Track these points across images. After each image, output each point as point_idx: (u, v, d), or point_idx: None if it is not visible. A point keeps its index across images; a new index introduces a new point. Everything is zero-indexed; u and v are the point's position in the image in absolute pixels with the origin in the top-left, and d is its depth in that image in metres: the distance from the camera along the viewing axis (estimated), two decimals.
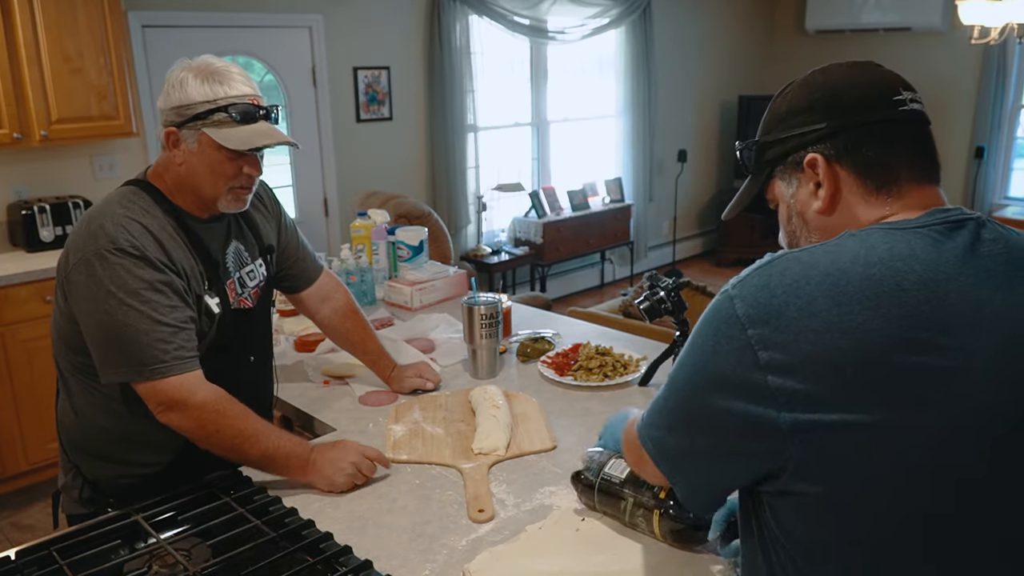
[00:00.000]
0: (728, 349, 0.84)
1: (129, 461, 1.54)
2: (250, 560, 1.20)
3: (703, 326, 0.90)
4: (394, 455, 1.58)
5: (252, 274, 1.65)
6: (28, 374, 3.30)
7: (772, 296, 0.83)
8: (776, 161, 0.99)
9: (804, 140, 0.95)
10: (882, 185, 0.91)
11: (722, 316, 0.86)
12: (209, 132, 1.44)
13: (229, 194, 1.51)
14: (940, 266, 0.83)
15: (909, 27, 6.46)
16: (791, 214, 1.00)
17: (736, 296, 0.85)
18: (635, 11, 6.15)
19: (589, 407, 1.79)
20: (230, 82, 1.45)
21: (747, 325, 0.83)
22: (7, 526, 3.24)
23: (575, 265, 6.41)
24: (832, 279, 0.81)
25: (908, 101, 0.94)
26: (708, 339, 0.88)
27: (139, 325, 1.38)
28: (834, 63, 0.99)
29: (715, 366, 0.86)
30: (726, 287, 0.88)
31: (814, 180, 0.95)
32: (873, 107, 0.92)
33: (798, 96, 0.97)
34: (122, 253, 1.38)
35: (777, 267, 0.85)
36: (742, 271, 0.89)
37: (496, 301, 1.95)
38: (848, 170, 0.92)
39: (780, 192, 1.01)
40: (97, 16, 3.51)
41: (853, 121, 0.92)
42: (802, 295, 0.81)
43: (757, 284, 0.85)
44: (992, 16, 4.65)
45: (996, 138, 6.42)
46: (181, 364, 1.41)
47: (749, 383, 0.82)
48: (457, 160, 5.35)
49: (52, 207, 3.59)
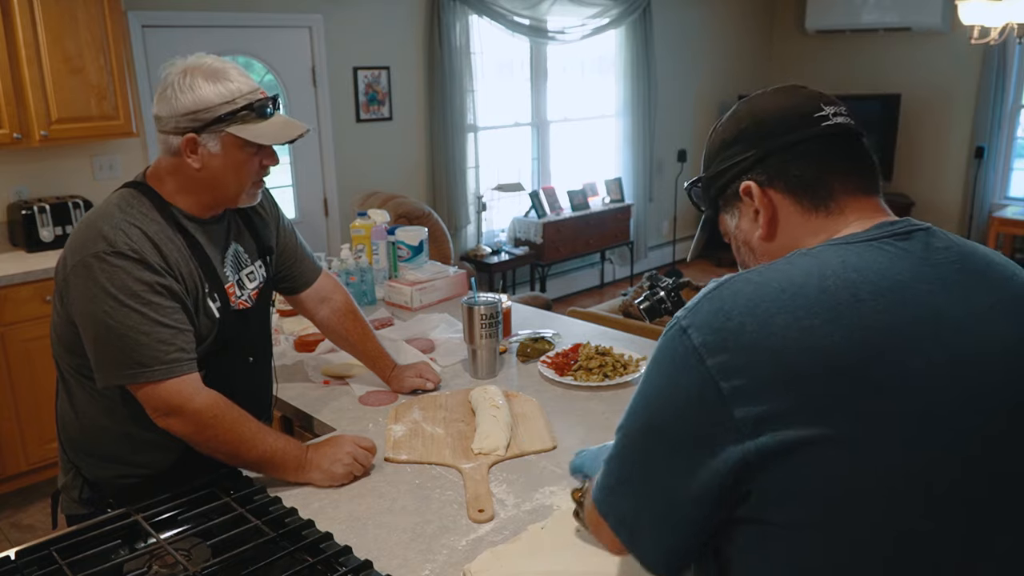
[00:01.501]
0: (687, 385, 0.80)
1: (129, 461, 1.54)
2: (250, 560, 1.20)
3: (655, 367, 0.85)
4: (394, 455, 1.58)
5: (252, 276, 1.65)
6: (28, 374, 3.30)
7: (727, 319, 0.80)
8: (718, 195, 1.00)
9: (737, 170, 0.96)
10: (819, 203, 0.91)
11: (677, 350, 0.82)
12: (235, 131, 1.43)
13: (252, 188, 1.54)
14: (895, 275, 0.82)
15: (909, 27, 6.46)
16: (738, 244, 1.01)
17: (690, 326, 0.82)
18: (635, 11, 6.15)
19: (589, 407, 1.79)
20: (236, 79, 1.45)
21: (705, 355, 0.79)
22: (7, 526, 3.24)
23: (575, 265, 6.41)
24: (788, 295, 0.80)
25: (831, 116, 0.93)
26: (664, 379, 0.84)
27: (138, 327, 1.38)
28: (759, 91, 1.00)
29: (675, 410, 0.82)
30: (674, 321, 0.85)
31: (752, 208, 0.95)
32: (795, 126, 0.93)
33: (727, 129, 0.98)
34: (120, 256, 1.38)
35: (728, 290, 0.83)
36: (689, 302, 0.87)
37: (496, 301, 1.95)
38: (781, 193, 0.93)
39: (727, 225, 1.01)
40: (97, 16, 3.51)
41: (777, 144, 0.93)
42: (758, 314, 0.79)
43: (710, 310, 0.82)
44: (992, 16, 4.65)
45: (996, 138, 6.42)
46: (179, 366, 1.41)
47: (714, 423, 0.78)
48: (457, 160, 5.35)
49: (52, 207, 3.59)
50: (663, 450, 0.83)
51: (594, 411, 1.77)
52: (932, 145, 6.72)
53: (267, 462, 1.46)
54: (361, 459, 1.49)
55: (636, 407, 0.87)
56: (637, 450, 0.86)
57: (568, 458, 1.54)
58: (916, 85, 6.67)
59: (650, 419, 0.85)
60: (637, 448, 0.86)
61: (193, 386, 1.43)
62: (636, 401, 0.88)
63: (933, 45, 6.53)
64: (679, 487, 0.82)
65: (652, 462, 0.84)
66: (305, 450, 1.49)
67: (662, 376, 0.84)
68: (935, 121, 6.68)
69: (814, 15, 6.92)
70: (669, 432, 0.82)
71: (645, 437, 0.85)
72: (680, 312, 0.86)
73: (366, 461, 1.50)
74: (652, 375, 0.86)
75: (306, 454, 1.48)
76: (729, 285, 0.84)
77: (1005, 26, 4.73)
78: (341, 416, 1.79)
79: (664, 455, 0.83)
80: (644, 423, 0.86)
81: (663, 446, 0.83)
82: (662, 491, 0.84)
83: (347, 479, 1.47)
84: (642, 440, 0.86)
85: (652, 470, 0.84)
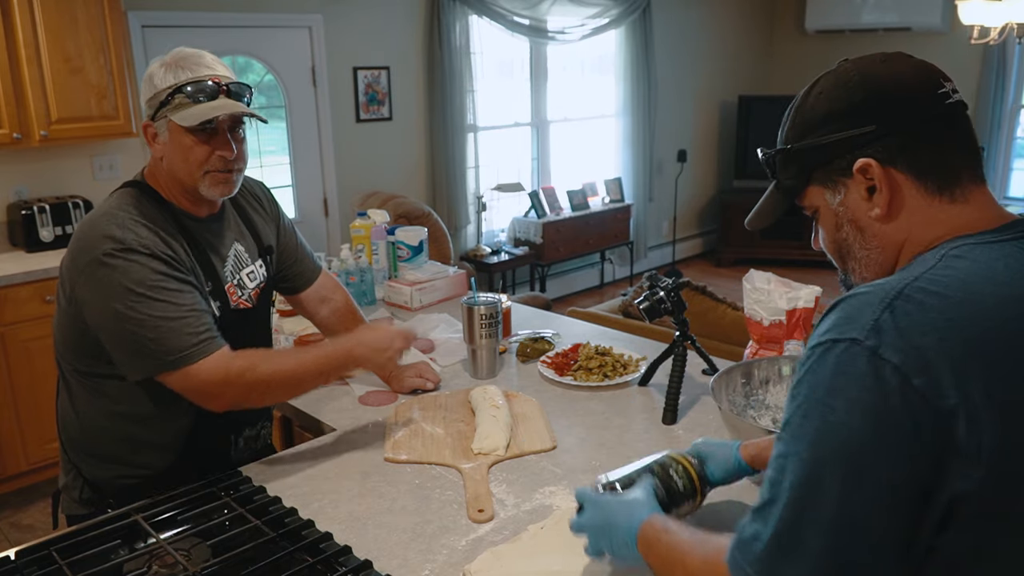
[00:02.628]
0: (898, 408, 0.71)
1: (129, 462, 1.54)
2: (250, 560, 1.20)
3: (834, 396, 0.74)
4: (394, 455, 1.58)
5: (252, 275, 1.65)
6: (28, 374, 3.30)
7: (925, 336, 0.73)
8: (816, 167, 0.93)
9: (851, 144, 0.89)
10: (944, 187, 0.87)
11: (870, 371, 0.73)
12: (171, 116, 1.43)
13: (206, 179, 1.47)
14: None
15: (909, 27, 6.46)
16: (841, 222, 0.94)
17: (879, 346, 0.73)
18: (635, 11, 6.15)
19: (589, 407, 1.79)
20: (194, 66, 1.44)
21: (911, 375, 0.72)
22: (7, 526, 3.24)
23: (575, 265, 6.42)
24: (974, 307, 0.76)
25: (951, 92, 0.88)
26: (857, 408, 0.73)
27: (164, 314, 1.38)
28: (864, 56, 0.93)
29: (883, 436, 0.72)
30: (849, 340, 0.75)
31: (866, 185, 0.89)
32: (920, 103, 0.87)
33: (835, 97, 0.90)
34: (132, 252, 1.38)
35: (911, 302, 0.76)
36: (840, 318, 0.78)
37: (496, 301, 1.95)
38: (905, 173, 0.87)
39: (823, 199, 0.94)
40: (97, 16, 3.51)
41: (904, 122, 0.87)
42: (955, 328, 0.74)
43: (900, 327, 0.74)
44: (992, 16, 4.65)
45: (996, 138, 6.42)
46: (211, 344, 1.42)
47: (931, 442, 0.71)
48: (457, 160, 5.35)
49: (52, 207, 3.59)
50: (871, 476, 0.73)
51: (594, 411, 1.77)
52: None
53: (324, 375, 1.56)
54: (428, 374, 1.79)
55: (806, 455, 0.75)
56: (827, 488, 0.74)
57: (568, 458, 1.54)
58: None
59: (846, 460, 0.73)
60: (827, 485, 0.74)
61: (227, 356, 1.44)
62: (800, 448, 0.75)
63: (933, 45, 6.53)
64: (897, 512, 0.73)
65: (859, 496, 0.73)
66: (350, 347, 1.56)
67: (852, 409, 0.73)
68: None
69: (814, 15, 6.92)
70: (879, 453, 0.72)
71: (841, 486, 0.73)
72: (841, 334, 0.76)
73: (405, 343, 1.61)
74: (826, 411, 0.75)
75: (353, 351, 1.56)
76: (908, 298, 0.77)
77: (1005, 26, 4.73)
78: (341, 416, 1.79)
79: (873, 482, 0.73)
80: (834, 467, 0.73)
81: (871, 471, 0.73)
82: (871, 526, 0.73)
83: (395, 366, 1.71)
84: (838, 470, 0.73)
85: (860, 506, 0.73)
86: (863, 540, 0.73)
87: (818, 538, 0.73)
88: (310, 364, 1.50)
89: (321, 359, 1.52)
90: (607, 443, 1.62)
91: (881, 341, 0.74)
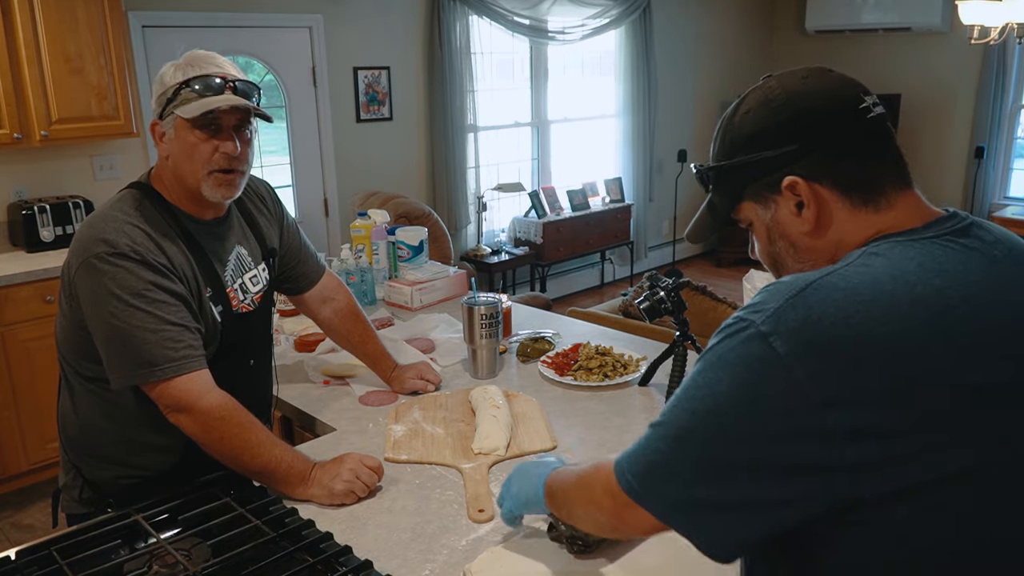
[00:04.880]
0: (772, 392, 0.77)
1: (130, 464, 1.54)
2: (250, 560, 1.20)
3: (725, 368, 0.81)
4: (394, 455, 1.58)
5: (255, 279, 1.65)
6: (28, 374, 3.30)
7: (819, 330, 0.77)
8: (746, 184, 0.95)
9: (778, 162, 0.90)
10: (869, 199, 0.89)
11: (757, 356, 0.79)
12: (176, 111, 1.42)
13: (209, 179, 1.45)
14: (973, 278, 0.82)
15: (909, 27, 6.46)
16: (774, 236, 0.96)
17: (772, 333, 0.78)
18: (635, 11, 6.15)
19: (589, 407, 1.79)
20: (204, 64, 1.44)
21: (793, 365, 0.76)
22: (7, 526, 3.24)
23: (575, 265, 6.41)
24: (881, 304, 0.78)
25: (872, 106, 0.90)
26: (738, 383, 0.79)
27: (145, 325, 1.38)
28: (787, 73, 0.95)
29: (753, 412, 0.78)
30: (749, 322, 0.81)
31: (795, 201, 0.91)
32: (840, 120, 0.89)
33: (761, 117, 0.92)
34: (122, 257, 1.38)
35: (814, 296, 0.79)
36: (757, 301, 0.83)
37: (496, 301, 1.95)
38: (831, 189, 0.89)
39: (756, 214, 0.96)
40: (97, 16, 3.51)
41: (823, 139, 0.89)
42: (853, 325, 0.77)
43: (797, 318, 0.78)
44: (992, 16, 4.65)
45: (996, 138, 6.42)
46: (189, 363, 1.40)
47: (800, 427, 0.76)
48: (457, 160, 5.35)
49: (52, 207, 3.59)
50: (738, 440, 0.79)
51: (594, 411, 1.77)
52: (932, 145, 6.71)
53: (271, 473, 1.42)
54: (364, 477, 1.43)
55: (696, 401, 0.82)
56: (699, 439, 0.82)
57: (568, 458, 1.54)
58: (916, 85, 6.66)
59: (720, 411, 0.80)
60: (700, 437, 0.82)
61: (202, 384, 1.41)
62: (694, 395, 0.83)
63: (933, 45, 6.53)
64: (757, 478, 0.79)
65: (724, 452, 0.80)
66: (312, 467, 1.44)
67: (736, 376, 0.80)
68: (935, 121, 6.67)
69: (814, 15, 6.92)
70: (749, 425, 0.79)
71: (717, 425, 0.81)
72: (751, 314, 0.81)
73: (369, 480, 1.43)
74: (721, 373, 0.81)
75: (311, 471, 1.43)
76: (814, 290, 0.80)
77: (1005, 26, 4.73)
78: (341, 416, 1.79)
79: (739, 444, 0.79)
80: (713, 415, 0.81)
81: (739, 435, 0.79)
82: (730, 481, 0.81)
83: (347, 498, 1.41)
84: (712, 428, 0.81)
85: (723, 459, 0.81)
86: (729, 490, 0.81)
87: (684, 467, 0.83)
88: (268, 454, 1.41)
89: (282, 460, 1.42)
90: (607, 443, 1.62)
91: (775, 330, 0.78)
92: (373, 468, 1.45)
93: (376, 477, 1.46)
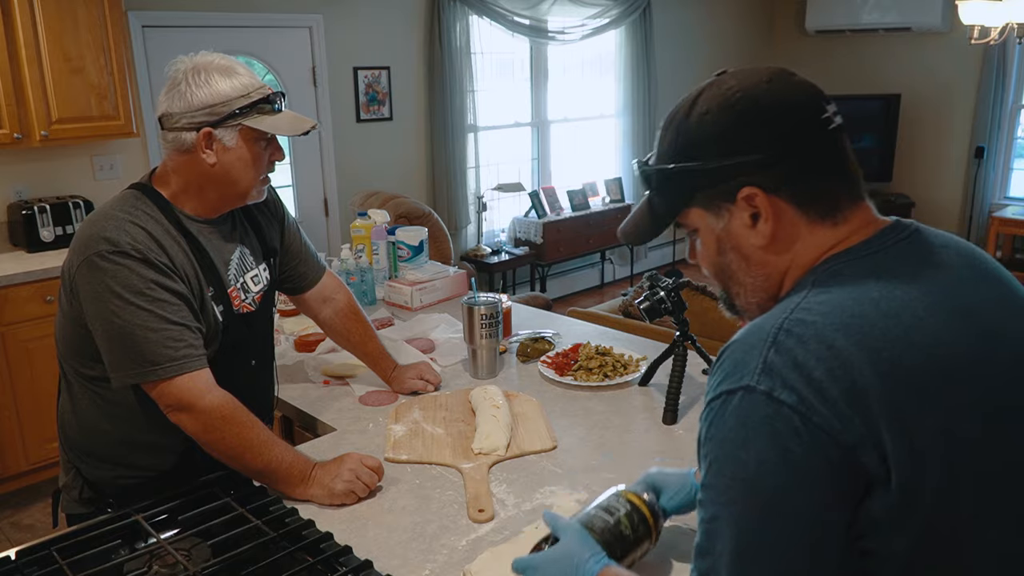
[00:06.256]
0: (804, 448, 0.72)
1: (130, 464, 1.54)
2: (250, 560, 1.20)
3: (744, 445, 0.74)
4: (394, 455, 1.58)
5: (256, 279, 1.65)
6: (28, 374, 3.30)
7: (813, 370, 0.73)
8: (698, 189, 0.89)
9: (736, 171, 0.86)
10: (826, 214, 0.86)
11: (769, 416, 0.73)
12: (252, 123, 1.44)
13: (261, 184, 1.54)
14: (931, 285, 0.81)
15: (909, 27, 6.46)
16: (723, 247, 0.91)
17: (771, 388, 0.74)
18: (635, 11, 6.15)
19: (589, 407, 1.79)
20: (244, 74, 1.46)
21: (809, 413, 0.72)
22: (7, 526, 3.24)
23: (575, 265, 6.41)
24: (855, 328, 0.76)
25: (833, 116, 0.87)
26: (767, 452, 0.73)
27: (146, 324, 1.38)
28: (747, 74, 0.89)
29: (798, 485, 0.72)
30: (740, 388, 0.75)
31: (750, 212, 0.86)
32: (803, 131, 0.85)
33: (721, 122, 0.87)
34: (124, 255, 1.38)
35: (792, 341, 0.76)
36: (730, 369, 0.78)
37: (496, 301, 1.95)
38: (789, 202, 0.85)
39: (706, 223, 0.91)
40: (97, 16, 3.51)
41: (789, 150, 0.85)
42: (840, 355, 0.74)
43: (788, 365, 0.74)
44: (992, 16, 4.65)
45: (996, 138, 6.42)
46: (190, 363, 1.40)
47: (846, 475, 0.72)
48: (457, 160, 5.35)
49: (52, 207, 3.59)
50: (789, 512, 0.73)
51: (594, 411, 1.77)
52: (932, 145, 6.71)
53: (271, 472, 1.42)
54: (364, 478, 1.42)
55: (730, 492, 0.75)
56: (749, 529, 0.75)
57: (568, 458, 1.54)
58: (916, 85, 6.66)
59: (760, 491, 0.73)
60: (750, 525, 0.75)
61: (204, 383, 1.42)
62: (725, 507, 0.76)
63: (933, 45, 6.53)
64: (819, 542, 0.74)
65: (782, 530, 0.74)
66: (312, 467, 1.43)
67: (756, 447, 0.73)
68: (935, 121, 6.67)
69: (814, 15, 6.92)
70: (796, 495, 0.73)
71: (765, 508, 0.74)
72: (734, 383, 0.76)
73: (370, 480, 1.43)
74: (737, 459, 0.74)
75: (312, 471, 1.43)
76: (787, 335, 0.76)
77: (1005, 26, 4.73)
78: (341, 416, 1.79)
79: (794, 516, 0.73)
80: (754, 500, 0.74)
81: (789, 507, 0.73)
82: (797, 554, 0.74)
83: (347, 498, 1.41)
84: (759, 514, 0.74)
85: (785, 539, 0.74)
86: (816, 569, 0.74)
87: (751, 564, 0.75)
88: (269, 454, 1.41)
89: (283, 460, 1.42)
90: (607, 443, 1.62)
91: (774, 383, 0.74)
92: (373, 468, 1.46)
93: (376, 477, 1.46)
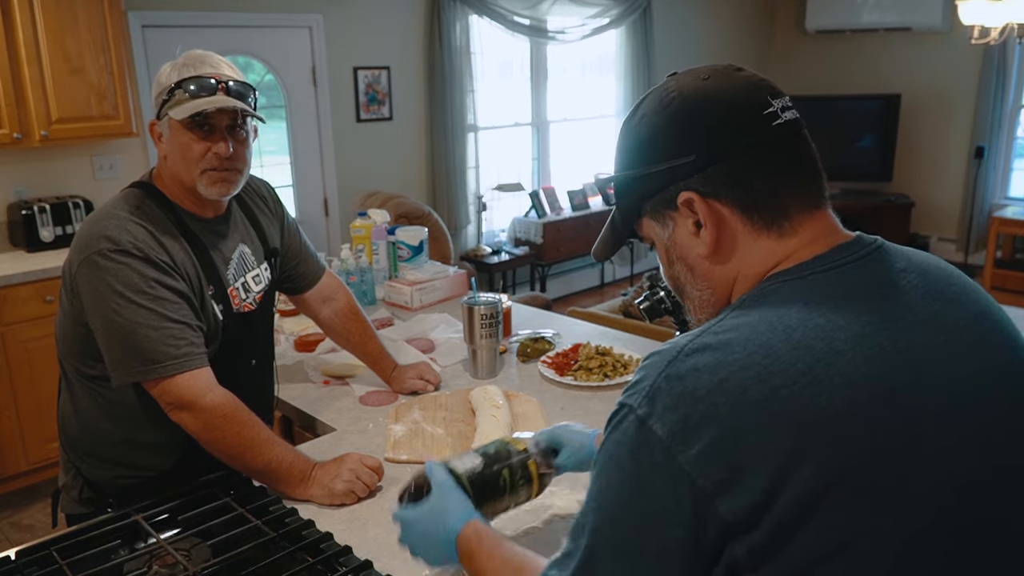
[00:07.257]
0: (661, 484, 0.70)
1: (130, 464, 1.54)
2: (250, 560, 1.20)
3: (616, 463, 0.73)
4: (394, 455, 1.58)
5: (257, 278, 1.65)
6: (28, 374, 3.30)
7: (695, 404, 0.69)
8: (643, 198, 0.86)
9: (673, 175, 0.81)
10: (772, 222, 0.79)
11: (639, 443, 0.71)
12: (170, 112, 1.43)
13: (203, 177, 1.46)
14: (869, 314, 0.73)
15: (909, 27, 6.47)
16: (672, 258, 0.87)
17: (649, 416, 0.71)
18: (635, 11, 6.15)
19: (589, 407, 1.79)
20: (199, 64, 1.44)
21: (676, 449, 0.69)
22: (7, 526, 3.24)
23: (575, 265, 6.41)
24: (756, 359, 0.70)
25: (780, 111, 0.79)
26: (629, 478, 0.72)
27: (147, 322, 1.38)
28: (688, 72, 0.84)
29: (644, 518, 0.71)
30: (629, 407, 0.73)
31: (693, 220, 0.81)
32: (742, 129, 0.78)
33: (655, 123, 0.82)
34: (124, 254, 1.38)
35: (685, 364, 0.72)
36: (636, 380, 0.75)
37: (496, 301, 1.95)
38: (730, 207, 0.79)
39: (655, 233, 0.87)
40: (97, 16, 3.51)
41: (722, 150, 0.78)
42: (730, 390, 0.69)
43: (672, 394, 0.71)
44: (992, 16, 4.66)
45: (996, 138, 6.42)
46: (190, 361, 1.40)
47: (695, 520, 0.68)
48: (457, 160, 5.35)
49: (52, 207, 3.59)
50: (638, 541, 0.72)
51: (594, 411, 1.77)
52: (932, 145, 6.72)
53: (271, 472, 1.41)
54: (364, 478, 1.42)
55: (605, 507, 0.75)
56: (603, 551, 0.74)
57: None
58: (916, 85, 6.66)
59: (619, 539, 0.73)
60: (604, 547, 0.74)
61: (205, 382, 1.42)
62: (593, 515, 0.75)
63: (933, 45, 6.54)
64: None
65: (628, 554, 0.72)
66: (312, 466, 1.43)
67: (626, 471, 0.72)
68: (935, 121, 6.68)
69: (814, 15, 6.92)
70: (639, 543, 0.71)
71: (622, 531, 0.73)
72: (630, 397, 0.74)
73: (370, 480, 1.43)
74: (613, 469, 0.74)
75: (312, 470, 1.43)
76: (686, 358, 0.72)
77: (1005, 26, 4.73)
78: (341, 416, 1.79)
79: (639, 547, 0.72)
80: (617, 522, 0.73)
81: (639, 536, 0.72)
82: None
83: (347, 498, 1.40)
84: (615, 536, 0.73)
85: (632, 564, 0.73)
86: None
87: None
88: (270, 453, 1.41)
89: (283, 459, 1.41)
90: None
91: (652, 411, 0.71)
92: (373, 468, 1.46)
93: (376, 477, 1.46)
